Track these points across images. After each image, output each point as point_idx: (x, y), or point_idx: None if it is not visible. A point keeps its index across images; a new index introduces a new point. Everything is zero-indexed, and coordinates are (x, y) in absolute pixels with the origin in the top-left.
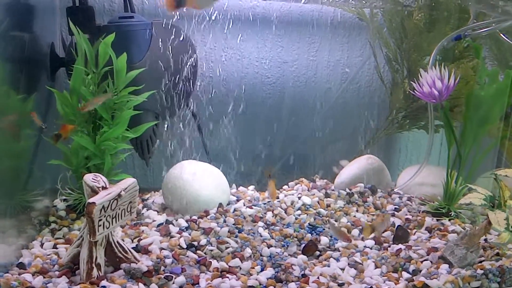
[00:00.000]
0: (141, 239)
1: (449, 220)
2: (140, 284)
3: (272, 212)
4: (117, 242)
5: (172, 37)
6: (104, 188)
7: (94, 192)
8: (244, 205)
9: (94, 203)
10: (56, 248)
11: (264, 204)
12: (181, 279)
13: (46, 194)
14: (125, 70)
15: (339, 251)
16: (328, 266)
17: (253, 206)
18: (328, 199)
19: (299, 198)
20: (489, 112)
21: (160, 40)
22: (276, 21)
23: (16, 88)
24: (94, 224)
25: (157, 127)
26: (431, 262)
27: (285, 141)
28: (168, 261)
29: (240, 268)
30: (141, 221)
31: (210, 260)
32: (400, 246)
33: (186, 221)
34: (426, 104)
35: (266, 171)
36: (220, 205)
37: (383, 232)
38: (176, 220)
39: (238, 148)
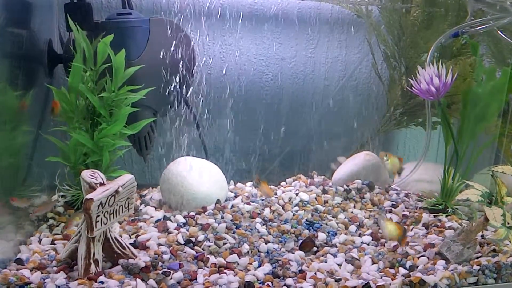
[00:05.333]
0: (139, 235)
1: (446, 216)
2: (138, 280)
3: (270, 208)
4: (115, 238)
5: (170, 34)
6: (101, 184)
7: (92, 188)
8: (242, 201)
9: (92, 199)
10: (54, 244)
11: (262, 200)
12: (178, 274)
13: (44, 190)
14: (123, 67)
15: (336, 247)
16: (325, 262)
17: (250, 202)
18: (326, 195)
19: (297, 194)
20: (486, 109)
21: (158, 37)
22: (274, 18)
23: (14, 85)
24: (92, 220)
25: (155, 123)
26: (428, 258)
27: (283, 137)
28: (165, 257)
29: (238, 264)
30: (139, 217)
31: (208, 256)
32: (397, 242)
33: (184, 217)
34: (424, 101)
35: (256, 178)
36: (218, 201)
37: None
38: (174, 216)
39: (236, 144)
